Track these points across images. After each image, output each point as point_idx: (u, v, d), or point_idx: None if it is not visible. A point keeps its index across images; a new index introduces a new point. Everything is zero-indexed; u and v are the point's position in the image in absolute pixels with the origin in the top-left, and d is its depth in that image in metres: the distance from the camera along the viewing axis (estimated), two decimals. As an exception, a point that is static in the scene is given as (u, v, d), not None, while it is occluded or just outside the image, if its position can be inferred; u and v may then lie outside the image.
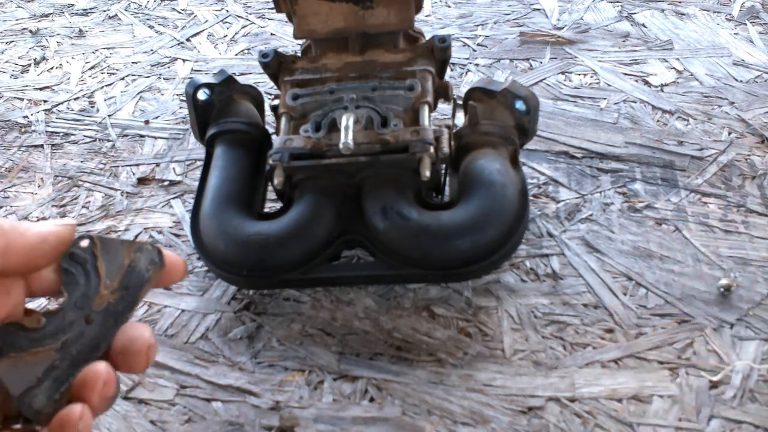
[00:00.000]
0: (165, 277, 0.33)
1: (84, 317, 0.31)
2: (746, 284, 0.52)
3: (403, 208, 0.51)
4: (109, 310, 0.31)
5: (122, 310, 0.31)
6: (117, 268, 0.32)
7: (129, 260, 0.32)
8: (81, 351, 0.30)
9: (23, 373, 0.29)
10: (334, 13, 0.53)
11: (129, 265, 0.32)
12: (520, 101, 0.54)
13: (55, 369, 0.30)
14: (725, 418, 0.44)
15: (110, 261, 0.32)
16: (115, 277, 0.32)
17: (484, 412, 0.45)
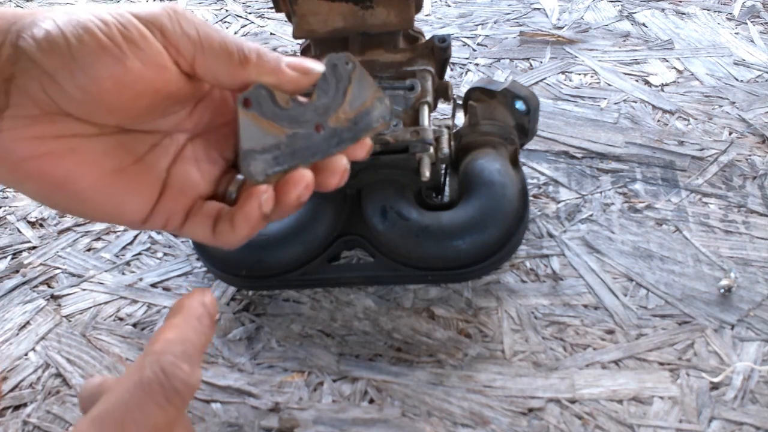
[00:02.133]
0: (361, 144, 0.35)
1: (316, 124, 0.33)
2: (747, 285, 0.52)
3: (403, 208, 0.50)
4: (336, 131, 0.34)
5: (344, 139, 0.34)
6: (359, 102, 0.34)
7: (370, 102, 0.35)
8: (302, 149, 0.33)
9: (255, 134, 0.32)
10: (333, 13, 0.53)
11: (368, 106, 0.34)
12: (521, 101, 0.54)
13: (278, 149, 0.33)
14: (726, 420, 0.44)
15: (358, 92, 0.34)
16: (354, 108, 0.34)
17: (484, 414, 0.45)
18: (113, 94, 0.30)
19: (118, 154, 0.32)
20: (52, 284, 0.57)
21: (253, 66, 0.32)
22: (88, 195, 0.32)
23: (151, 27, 0.30)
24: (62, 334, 0.53)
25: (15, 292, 0.57)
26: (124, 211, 0.33)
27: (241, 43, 0.32)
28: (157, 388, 0.25)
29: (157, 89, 0.31)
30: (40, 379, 0.50)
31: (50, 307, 0.55)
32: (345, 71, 0.34)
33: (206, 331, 0.29)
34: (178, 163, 0.35)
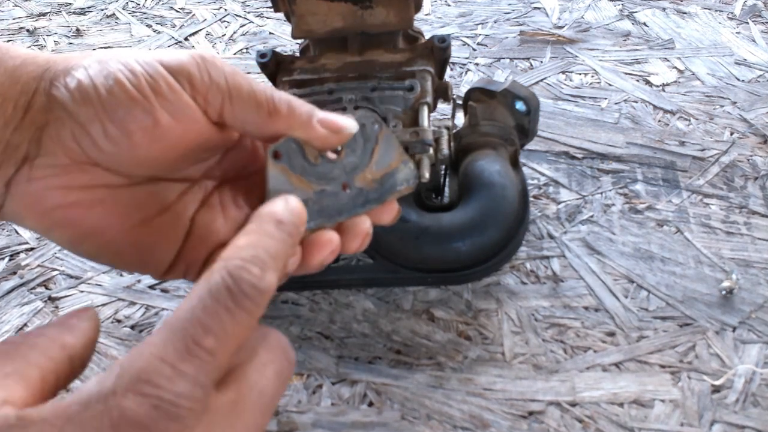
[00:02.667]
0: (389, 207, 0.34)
1: (343, 183, 0.33)
2: (748, 286, 0.51)
3: (403, 210, 0.50)
4: (362, 191, 0.33)
5: (369, 200, 0.33)
6: (385, 163, 0.34)
7: (395, 164, 0.34)
8: (329, 206, 0.33)
9: (284, 187, 0.32)
10: (332, 13, 0.52)
11: (393, 168, 0.34)
12: (521, 101, 0.54)
13: (306, 205, 0.32)
14: (727, 423, 0.44)
15: (384, 153, 0.34)
16: (380, 169, 0.34)
17: (484, 417, 0.45)
18: (144, 147, 0.30)
19: (146, 204, 0.32)
20: (50, 286, 0.57)
21: (283, 119, 0.31)
22: (115, 246, 0.31)
23: (179, 77, 0.30)
24: (60, 336, 0.53)
25: (12, 294, 0.56)
26: (149, 262, 0.33)
27: (271, 94, 0.31)
28: (224, 291, 0.23)
29: (187, 141, 0.31)
30: (37, 381, 0.50)
31: (48, 309, 0.55)
32: (372, 131, 0.34)
33: (286, 238, 0.27)
34: (202, 211, 0.34)
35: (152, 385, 0.21)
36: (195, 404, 0.21)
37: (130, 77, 0.29)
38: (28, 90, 0.29)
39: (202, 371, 0.22)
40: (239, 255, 0.25)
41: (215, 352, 0.22)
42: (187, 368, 0.21)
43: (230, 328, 0.23)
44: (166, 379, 0.21)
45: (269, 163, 0.32)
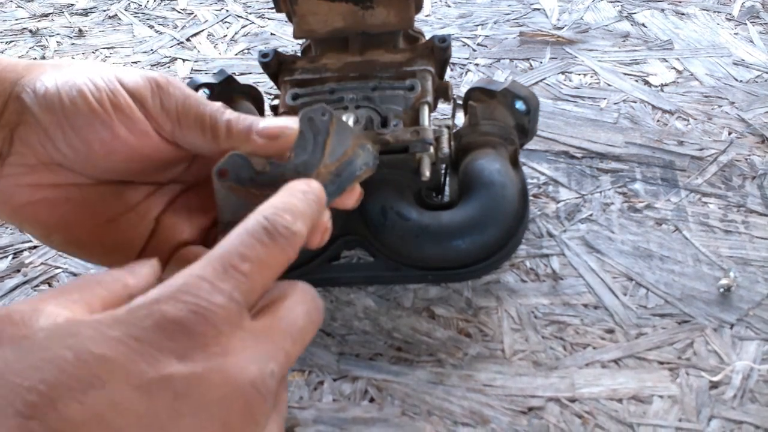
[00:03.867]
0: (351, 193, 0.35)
1: None
2: (746, 284, 0.52)
3: (403, 208, 0.51)
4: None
5: (328, 194, 0.33)
6: (340, 152, 0.33)
7: (351, 151, 0.34)
8: None
9: (234, 205, 0.32)
10: (333, 13, 0.53)
11: (350, 155, 0.34)
12: (520, 101, 0.54)
13: None
14: (725, 419, 0.44)
15: (338, 143, 0.33)
16: (336, 160, 0.33)
17: (484, 413, 0.45)
18: (102, 156, 0.31)
19: (112, 204, 0.34)
20: (53, 284, 0.57)
21: (224, 140, 0.33)
22: (81, 241, 0.33)
23: (134, 97, 0.31)
24: (63, 333, 0.53)
25: (16, 292, 0.57)
26: (114, 257, 0.34)
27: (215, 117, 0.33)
28: (260, 229, 0.26)
29: (144, 155, 0.32)
30: (41, 378, 0.50)
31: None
32: (322, 123, 0.33)
33: (312, 202, 0.29)
34: (167, 213, 0.36)
35: (192, 295, 0.23)
36: (229, 315, 0.23)
37: (93, 90, 0.30)
38: (4, 93, 0.30)
39: (237, 289, 0.24)
40: (273, 205, 0.27)
41: (250, 275, 0.24)
42: (223, 285, 0.23)
43: (264, 259, 0.25)
44: (205, 291, 0.23)
45: (216, 184, 0.32)
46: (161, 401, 0.21)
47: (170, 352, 0.22)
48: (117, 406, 0.20)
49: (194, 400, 0.22)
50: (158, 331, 0.22)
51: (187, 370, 0.22)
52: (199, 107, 0.33)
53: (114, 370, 0.21)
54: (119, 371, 0.21)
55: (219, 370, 0.22)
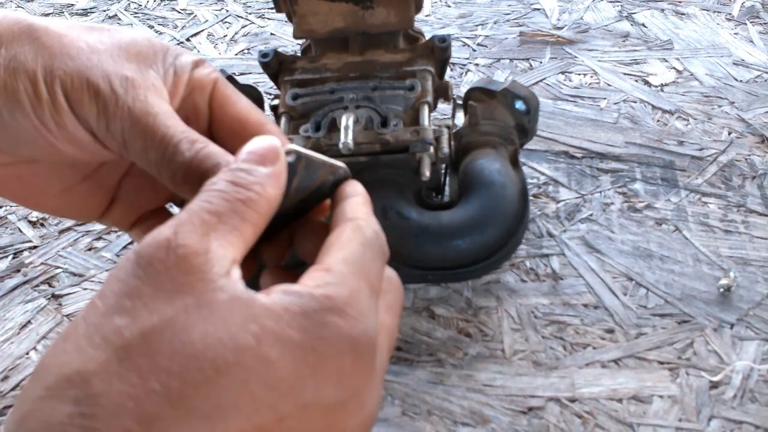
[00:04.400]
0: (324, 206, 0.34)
1: None
2: (746, 284, 0.52)
3: (403, 208, 0.51)
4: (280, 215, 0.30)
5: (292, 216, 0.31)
6: (307, 185, 0.31)
7: (322, 178, 0.31)
8: None
9: None
10: (333, 13, 0.53)
11: (319, 183, 0.32)
12: (520, 101, 0.54)
13: None
14: (725, 419, 0.44)
15: (306, 178, 0.31)
16: (303, 191, 0.31)
17: (484, 413, 0.45)
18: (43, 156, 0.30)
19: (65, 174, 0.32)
20: (53, 284, 0.58)
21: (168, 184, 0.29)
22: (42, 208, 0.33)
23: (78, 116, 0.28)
24: (63, 333, 0.53)
25: (16, 292, 0.57)
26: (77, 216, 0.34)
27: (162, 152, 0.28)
28: (377, 244, 0.27)
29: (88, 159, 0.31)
30: (41, 378, 0.50)
31: (51, 307, 0.55)
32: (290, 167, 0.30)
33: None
34: (131, 176, 0.34)
35: (357, 311, 0.24)
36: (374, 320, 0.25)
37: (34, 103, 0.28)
38: None
39: (372, 293, 0.26)
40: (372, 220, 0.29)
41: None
42: (367, 302, 0.25)
43: (381, 275, 0.28)
44: (364, 306, 0.24)
45: None
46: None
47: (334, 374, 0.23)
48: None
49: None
50: (330, 348, 0.22)
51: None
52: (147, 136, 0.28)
53: (283, 383, 0.21)
54: (288, 383, 0.22)
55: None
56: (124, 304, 0.21)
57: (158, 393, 0.20)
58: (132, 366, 0.20)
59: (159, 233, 0.22)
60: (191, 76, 0.31)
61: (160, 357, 0.20)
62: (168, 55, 0.31)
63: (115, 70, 0.29)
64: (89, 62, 0.29)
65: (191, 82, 0.31)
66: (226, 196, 0.24)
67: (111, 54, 0.29)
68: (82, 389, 0.19)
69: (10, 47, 0.28)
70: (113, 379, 0.20)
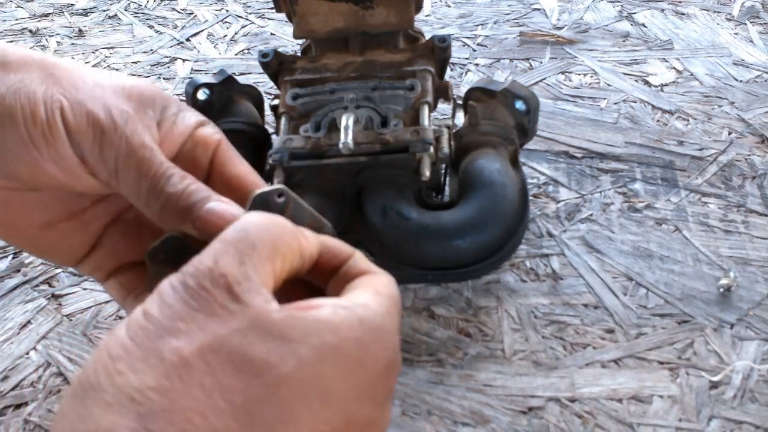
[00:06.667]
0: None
1: None
2: (746, 284, 0.52)
3: (403, 208, 0.51)
4: None
5: None
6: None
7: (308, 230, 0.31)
8: None
9: None
10: (333, 13, 0.53)
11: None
12: (520, 101, 0.54)
13: None
14: (725, 419, 0.44)
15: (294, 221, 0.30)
16: None
17: (484, 412, 0.45)
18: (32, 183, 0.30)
19: (52, 209, 0.32)
20: (53, 283, 0.58)
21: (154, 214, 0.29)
22: (19, 241, 0.33)
23: (72, 138, 0.29)
24: (63, 333, 0.53)
25: (16, 292, 0.57)
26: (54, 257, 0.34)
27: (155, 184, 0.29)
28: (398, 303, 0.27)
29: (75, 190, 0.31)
30: (41, 378, 0.50)
31: (51, 307, 0.55)
32: (277, 206, 0.30)
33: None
34: (117, 223, 0.34)
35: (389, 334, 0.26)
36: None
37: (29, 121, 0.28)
38: None
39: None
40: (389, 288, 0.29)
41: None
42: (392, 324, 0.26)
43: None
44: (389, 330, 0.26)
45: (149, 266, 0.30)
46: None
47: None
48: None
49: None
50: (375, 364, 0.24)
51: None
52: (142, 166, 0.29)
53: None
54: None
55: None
56: (179, 326, 0.22)
57: (223, 410, 0.21)
58: (195, 384, 0.21)
59: (200, 262, 0.23)
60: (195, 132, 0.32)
61: (222, 375, 0.21)
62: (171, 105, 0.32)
63: (116, 104, 0.30)
64: (92, 93, 0.29)
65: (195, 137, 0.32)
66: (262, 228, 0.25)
67: (114, 90, 0.30)
68: (146, 406, 0.20)
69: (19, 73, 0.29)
70: (177, 396, 0.20)
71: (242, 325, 0.22)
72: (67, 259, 0.33)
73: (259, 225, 0.25)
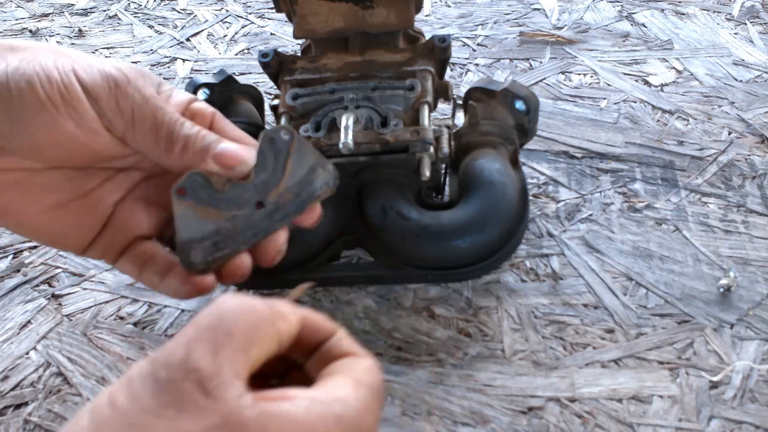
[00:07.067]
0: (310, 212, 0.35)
1: (256, 202, 0.33)
2: (746, 284, 0.52)
3: (403, 208, 0.51)
4: (279, 206, 0.33)
5: (287, 213, 0.33)
6: (300, 172, 0.33)
7: (312, 171, 0.33)
8: (243, 230, 0.32)
9: (193, 224, 0.32)
10: (333, 13, 0.53)
11: (310, 175, 0.33)
12: (520, 101, 0.54)
13: (218, 234, 0.32)
14: (725, 419, 0.44)
15: (298, 162, 0.33)
16: (295, 179, 0.33)
17: (484, 412, 0.45)
18: (48, 148, 0.31)
19: (62, 189, 0.33)
20: (53, 283, 0.58)
21: (176, 155, 0.32)
22: (28, 226, 0.33)
23: (88, 94, 0.31)
24: (63, 333, 0.53)
25: (16, 292, 0.57)
26: (64, 242, 0.34)
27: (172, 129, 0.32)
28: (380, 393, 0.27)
29: (92, 149, 0.32)
30: (41, 378, 0.50)
31: (51, 307, 0.55)
32: (283, 144, 0.33)
33: None
34: (127, 201, 0.35)
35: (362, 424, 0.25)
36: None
37: (44, 82, 0.30)
38: None
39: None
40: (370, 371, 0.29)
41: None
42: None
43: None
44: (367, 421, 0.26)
45: (174, 202, 0.32)
46: None
47: None
48: None
49: None
50: None
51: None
52: (157, 114, 0.31)
53: None
54: None
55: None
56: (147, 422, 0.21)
57: None
58: None
59: (172, 353, 0.23)
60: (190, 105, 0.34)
61: None
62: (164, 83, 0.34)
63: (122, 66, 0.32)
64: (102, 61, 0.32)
65: (191, 109, 0.34)
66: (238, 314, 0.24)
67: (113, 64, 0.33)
68: None
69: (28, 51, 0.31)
70: None
71: (213, 422, 0.21)
72: (78, 242, 0.34)
73: (235, 311, 0.24)
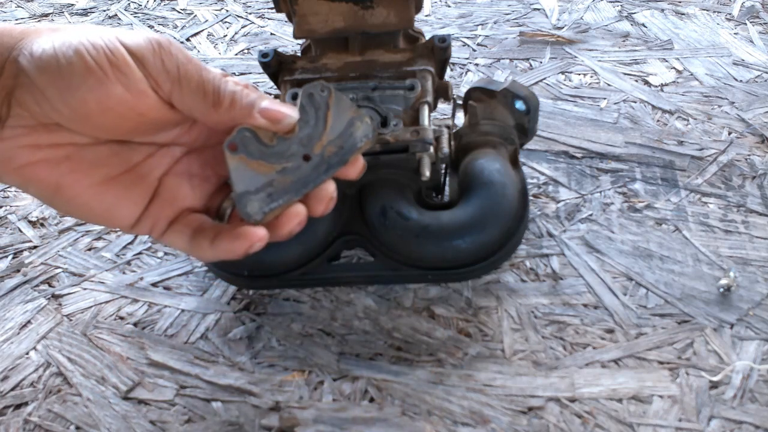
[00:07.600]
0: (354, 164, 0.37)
1: (303, 154, 0.35)
2: (746, 284, 0.52)
3: (403, 208, 0.51)
4: (323, 158, 0.35)
5: (332, 164, 0.35)
6: (340, 125, 0.35)
7: (351, 124, 0.35)
8: (294, 182, 0.34)
9: (247, 176, 0.34)
10: (333, 13, 0.53)
11: (350, 128, 0.35)
12: (520, 101, 0.54)
13: (271, 186, 0.34)
14: (725, 419, 0.44)
15: (337, 116, 0.35)
16: (336, 132, 0.35)
17: (484, 412, 0.45)
18: (97, 114, 0.32)
19: (110, 162, 0.34)
20: (53, 283, 0.58)
21: (224, 111, 0.33)
22: (80, 200, 0.34)
23: (134, 56, 0.32)
24: (63, 333, 0.53)
25: (16, 292, 0.57)
26: (114, 216, 0.35)
27: (218, 85, 0.33)
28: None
29: (140, 113, 0.33)
30: (41, 378, 0.50)
31: (51, 307, 0.55)
32: (321, 98, 0.35)
33: None
34: (170, 175, 0.36)
35: None
36: None
37: (90, 49, 0.31)
38: (1, 58, 0.31)
39: None
40: None
41: None
42: None
43: None
44: None
45: (227, 157, 0.34)
46: None
47: None
48: None
49: None
50: None
51: None
52: (202, 73, 0.33)
53: None
54: None
55: None
56: None
57: None
58: None
59: None
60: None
61: None
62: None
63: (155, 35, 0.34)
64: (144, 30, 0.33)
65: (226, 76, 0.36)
66: None
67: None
68: None
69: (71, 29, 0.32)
70: None
71: None
72: (127, 216, 0.35)
73: None
